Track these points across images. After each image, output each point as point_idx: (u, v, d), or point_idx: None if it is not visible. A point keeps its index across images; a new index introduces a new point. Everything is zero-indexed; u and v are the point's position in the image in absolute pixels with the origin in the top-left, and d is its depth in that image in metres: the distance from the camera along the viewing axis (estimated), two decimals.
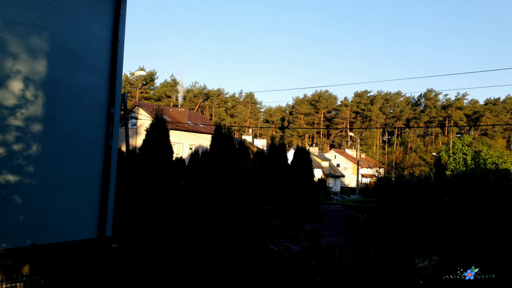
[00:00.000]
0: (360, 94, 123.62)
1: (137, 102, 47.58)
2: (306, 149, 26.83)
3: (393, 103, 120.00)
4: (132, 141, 36.46)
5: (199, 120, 49.37)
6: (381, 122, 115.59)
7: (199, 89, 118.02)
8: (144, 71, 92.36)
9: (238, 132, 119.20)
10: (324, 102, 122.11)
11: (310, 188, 8.57)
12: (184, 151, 42.10)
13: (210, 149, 19.30)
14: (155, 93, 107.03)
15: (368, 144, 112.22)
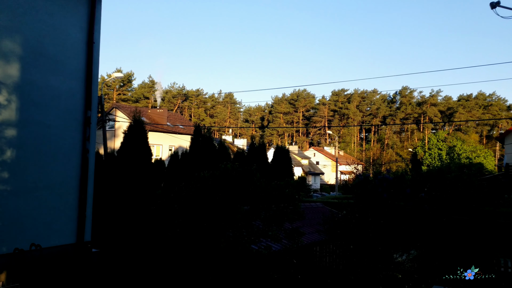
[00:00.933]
0: (338, 92, 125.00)
1: (115, 104, 46.89)
2: (285, 148, 26.95)
3: (369, 101, 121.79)
4: (110, 144, 35.90)
5: (178, 121, 49.00)
6: (358, 120, 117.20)
7: (178, 90, 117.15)
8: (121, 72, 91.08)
9: (218, 132, 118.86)
10: (303, 101, 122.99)
11: (290, 187, 8.64)
12: (164, 152, 41.72)
13: (189, 150, 19.21)
14: (133, 94, 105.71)
15: (346, 142, 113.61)
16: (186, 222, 8.21)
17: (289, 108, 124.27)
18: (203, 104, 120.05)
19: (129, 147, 15.43)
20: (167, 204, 8.59)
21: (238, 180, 8.41)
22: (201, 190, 8.42)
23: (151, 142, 32.32)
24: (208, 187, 8.39)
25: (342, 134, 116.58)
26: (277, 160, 25.41)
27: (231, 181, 8.39)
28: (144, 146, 15.83)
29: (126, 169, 14.89)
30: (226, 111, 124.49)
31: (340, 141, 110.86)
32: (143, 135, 15.92)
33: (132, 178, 14.79)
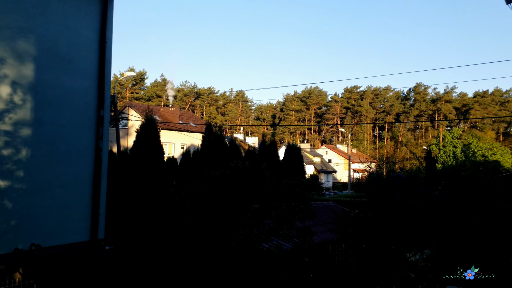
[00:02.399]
0: (350, 89, 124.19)
1: (128, 102, 47.35)
2: (297, 146, 26.94)
3: (382, 98, 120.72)
4: (123, 142, 36.28)
5: (190, 119, 49.28)
6: (371, 117, 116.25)
7: (190, 88, 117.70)
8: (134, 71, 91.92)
9: (229, 131, 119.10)
10: (315, 98, 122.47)
11: (301, 185, 8.65)
12: (176, 150, 42.01)
13: (201, 149, 19.33)
14: (146, 93, 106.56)
15: (359, 139, 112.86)
16: (197, 220, 8.29)
17: (300, 105, 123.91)
18: (214, 102, 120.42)
19: (142, 146, 15.59)
20: (179, 202, 8.67)
21: (248, 179, 8.46)
22: (212, 188, 8.48)
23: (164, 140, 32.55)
24: (219, 186, 8.45)
25: (355, 131, 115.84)
26: (289, 158, 25.40)
27: (241, 180, 8.44)
28: (157, 145, 15.98)
29: (139, 167, 15.04)
30: (238, 109, 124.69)
31: (353, 139, 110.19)
32: (155, 133, 16.07)
33: (144, 176, 14.94)
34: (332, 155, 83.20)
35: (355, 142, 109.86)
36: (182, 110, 63.04)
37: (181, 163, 20.11)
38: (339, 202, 21.23)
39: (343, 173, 79.44)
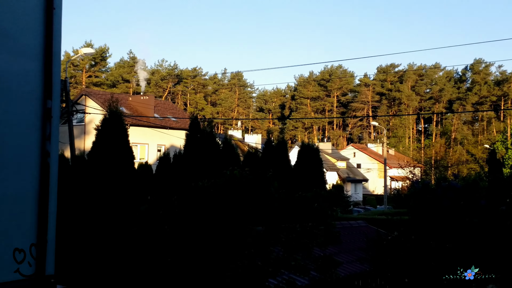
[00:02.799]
0: (385, 69, 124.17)
1: (84, 90, 47.47)
2: (314, 146, 26.89)
3: (429, 79, 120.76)
4: (78, 144, 36.31)
5: (169, 111, 49.33)
6: (415, 106, 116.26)
7: (168, 70, 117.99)
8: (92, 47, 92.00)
9: (222, 126, 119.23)
10: (338, 81, 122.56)
11: (320, 200, 8.64)
12: (151, 154, 42.02)
13: (184, 151, 19.36)
14: (109, 76, 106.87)
15: (398, 136, 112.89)
16: (179, 249, 8.26)
17: (318, 91, 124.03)
18: (202, 88, 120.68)
19: (104, 148, 15.59)
20: (155, 225, 8.65)
21: (248, 191, 8.44)
22: (200, 206, 8.46)
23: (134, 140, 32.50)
24: (208, 202, 8.43)
25: (392, 125, 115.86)
26: (303, 163, 25.38)
27: (239, 193, 8.42)
28: (124, 147, 15.99)
29: (100, 178, 15.04)
30: (233, 97, 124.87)
31: (389, 136, 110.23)
32: (122, 131, 16.08)
33: (108, 190, 14.94)
34: (361, 158, 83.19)
35: (392, 140, 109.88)
36: (158, 100, 63.02)
37: (157, 171, 20.09)
38: (372, 221, 21.22)
39: (377, 182, 79.39)
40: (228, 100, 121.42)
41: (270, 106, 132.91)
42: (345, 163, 72.66)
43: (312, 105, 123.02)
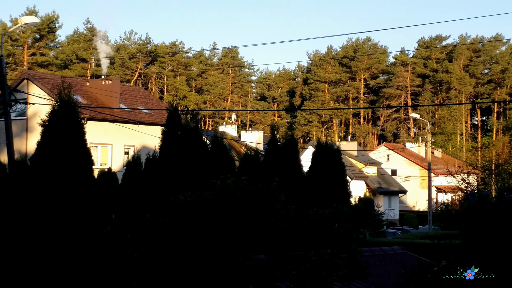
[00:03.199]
0: (428, 42, 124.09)
1: (26, 72, 47.39)
2: (335, 146, 26.87)
3: (488, 56, 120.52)
4: (19, 144, 36.31)
5: (140, 101, 49.34)
6: (469, 92, 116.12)
7: (138, 45, 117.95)
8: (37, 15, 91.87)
9: (211, 120, 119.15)
10: (365, 59, 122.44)
11: (342, 218, 8.63)
12: (116, 157, 42.01)
13: (160, 154, 19.36)
14: (59, 54, 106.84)
15: (447, 133, 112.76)
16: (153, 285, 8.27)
17: (340, 73, 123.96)
18: (183, 69, 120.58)
19: (52, 150, 15.59)
20: (121, 252, 8.66)
21: (246, 208, 8.43)
22: (181, 227, 8.45)
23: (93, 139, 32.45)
24: (193, 222, 8.43)
25: (439, 118, 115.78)
26: (319, 169, 25.39)
27: (234, 211, 8.42)
28: (79, 148, 16.02)
29: (46, 190, 15.04)
30: (226, 82, 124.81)
31: (435, 132, 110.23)
32: (77, 127, 16.12)
33: (58, 206, 14.94)
34: (398, 162, 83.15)
35: (439, 138, 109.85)
36: (126, 85, 62.97)
37: (124, 180, 20.09)
38: (412, 247, 21.21)
39: (419, 194, 79.41)
40: (219, 86, 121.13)
41: (275, 93, 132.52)
42: (376, 169, 72.51)
43: (332, 92, 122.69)
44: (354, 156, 71.24)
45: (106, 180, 21.07)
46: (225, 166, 20.14)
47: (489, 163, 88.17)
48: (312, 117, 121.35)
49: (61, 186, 15.16)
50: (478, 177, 66.49)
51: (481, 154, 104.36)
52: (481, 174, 70.85)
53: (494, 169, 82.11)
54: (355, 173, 65.50)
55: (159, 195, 15.53)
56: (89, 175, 16.27)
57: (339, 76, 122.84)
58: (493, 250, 10.76)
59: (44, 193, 15.04)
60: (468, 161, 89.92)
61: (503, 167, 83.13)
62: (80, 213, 15.13)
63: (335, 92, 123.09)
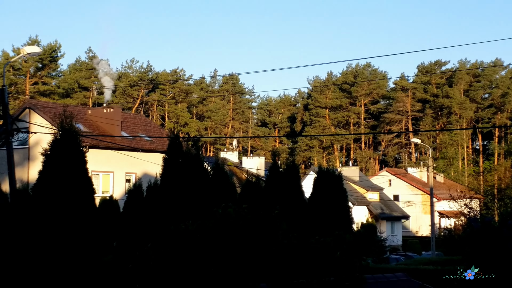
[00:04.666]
0: (429, 67, 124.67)
1: (28, 101, 47.54)
2: (336, 172, 26.86)
3: (488, 81, 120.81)
4: (21, 173, 36.31)
5: (141, 128, 49.42)
6: (469, 117, 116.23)
7: (140, 73, 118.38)
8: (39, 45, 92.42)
9: (212, 147, 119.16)
10: (366, 85, 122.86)
11: (345, 245, 8.59)
12: (117, 185, 41.94)
13: (161, 181, 19.35)
14: (61, 83, 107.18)
15: (449, 158, 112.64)
16: None
17: (340, 98, 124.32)
18: (184, 96, 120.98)
19: (54, 179, 15.59)
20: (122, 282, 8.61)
21: (248, 236, 8.40)
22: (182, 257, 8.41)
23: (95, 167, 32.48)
24: (193, 250, 8.39)
25: (440, 143, 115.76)
26: (321, 195, 25.37)
27: (235, 240, 8.38)
28: (81, 176, 16.01)
29: (48, 219, 15.01)
30: (227, 108, 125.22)
31: (436, 157, 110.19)
32: (78, 156, 16.13)
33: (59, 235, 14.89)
34: (400, 187, 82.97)
35: (441, 163, 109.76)
36: (127, 113, 63.02)
37: (125, 208, 20.06)
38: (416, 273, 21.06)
39: (421, 219, 79.14)
40: (220, 112, 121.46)
41: (275, 119, 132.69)
42: (378, 194, 72.31)
43: (332, 117, 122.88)
44: (356, 181, 71.15)
45: (107, 208, 21.00)
46: (227, 192, 20.15)
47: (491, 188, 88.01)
48: (313, 142, 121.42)
49: (62, 215, 15.14)
50: (481, 202, 66.20)
51: (483, 179, 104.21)
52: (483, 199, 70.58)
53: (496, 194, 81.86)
54: (357, 198, 65.38)
55: (161, 223, 15.50)
56: (91, 203, 16.25)
57: (339, 101, 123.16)
58: (497, 275, 10.70)
59: (46, 222, 15.02)
60: (470, 186, 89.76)
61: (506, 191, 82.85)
62: (82, 242, 15.08)
63: (336, 118, 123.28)
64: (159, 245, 8.90)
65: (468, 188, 74.68)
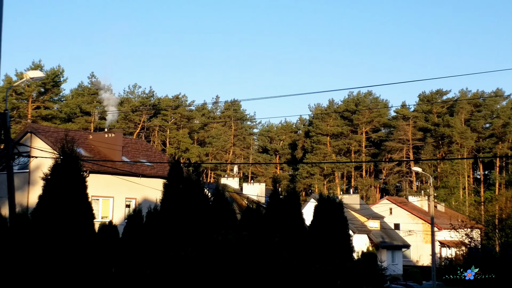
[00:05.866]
0: (429, 97, 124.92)
1: (30, 126, 47.50)
2: (337, 200, 26.82)
3: (489, 111, 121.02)
4: (21, 197, 36.22)
5: (142, 154, 49.39)
6: (470, 146, 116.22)
7: (142, 98, 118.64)
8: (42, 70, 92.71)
9: (213, 173, 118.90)
10: (367, 113, 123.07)
11: (345, 274, 8.57)
12: (117, 210, 41.81)
13: (162, 207, 19.30)
14: (63, 108, 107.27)
15: (450, 187, 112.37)
16: None
17: (341, 126, 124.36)
18: (186, 122, 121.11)
19: (54, 204, 15.56)
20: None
21: (248, 263, 8.36)
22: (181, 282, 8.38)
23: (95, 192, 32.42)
24: (194, 278, 8.35)
25: (441, 172, 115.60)
26: (322, 223, 25.28)
27: (235, 266, 8.35)
28: (81, 201, 15.98)
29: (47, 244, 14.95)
30: (228, 134, 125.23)
31: (437, 186, 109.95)
32: (79, 181, 16.12)
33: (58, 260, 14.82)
34: (401, 215, 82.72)
35: (442, 192, 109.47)
36: (128, 138, 63.02)
37: (125, 233, 19.99)
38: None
39: (422, 248, 78.74)
40: (221, 138, 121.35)
41: (276, 145, 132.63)
42: (379, 222, 72.06)
43: (333, 145, 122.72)
44: (357, 209, 70.96)
45: (106, 233, 20.93)
46: (227, 219, 20.09)
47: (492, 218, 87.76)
48: (314, 169, 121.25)
49: (61, 240, 15.08)
50: (482, 232, 65.94)
51: (484, 209, 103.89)
52: (484, 229, 70.40)
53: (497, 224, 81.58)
54: (358, 227, 65.13)
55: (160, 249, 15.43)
56: (90, 229, 16.20)
57: (340, 129, 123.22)
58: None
59: (44, 247, 14.95)
60: (472, 215, 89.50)
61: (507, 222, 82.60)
62: (80, 268, 15.00)
63: (337, 145, 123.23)
64: (158, 271, 8.88)
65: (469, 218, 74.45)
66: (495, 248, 34.70)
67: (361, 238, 64.11)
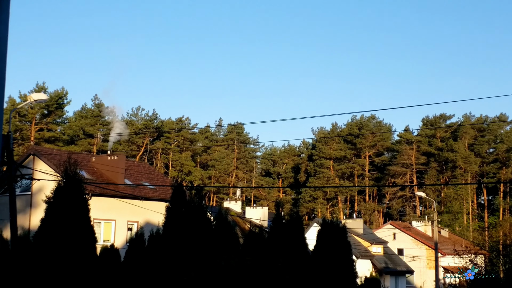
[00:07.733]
0: (433, 121, 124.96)
1: (33, 148, 47.57)
2: (340, 224, 26.73)
3: (492, 136, 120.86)
4: (23, 220, 36.16)
5: (144, 176, 49.39)
6: (474, 171, 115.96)
7: (145, 121, 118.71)
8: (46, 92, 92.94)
9: (216, 196, 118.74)
10: (370, 137, 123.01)
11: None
12: (119, 233, 41.71)
13: (164, 230, 19.23)
14: (66, 130, 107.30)
15: (454, 212, 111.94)
16: None
17: (344, 150, 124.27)
18: (189, 145, 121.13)
19: (56, 227, 15.53)
20: None
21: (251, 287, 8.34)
22: None
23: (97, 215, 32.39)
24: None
25: (445, 197, 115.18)
26: (325, 248, 25.15)
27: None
28: (83, 225, 15.95)
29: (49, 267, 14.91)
30: (231, 157, 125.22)
31: (441, 211, 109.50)
32: (81, 204, 16.10)
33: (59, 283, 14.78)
34: (404, 240, 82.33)
35: (445, 218, 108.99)
36: (131, 161, 63.15)
37: (127, 257, 19.90)
38: None
39: (426, 274, 78.29)
40: (224, 161, 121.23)
41: (279, 169, 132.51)
42: (382, 247, 71.70)
43: (337, 169, 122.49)
44: (360, 234, 70.69)
45: (108, 257, 20.83)
46: (230, 243, 20.00)
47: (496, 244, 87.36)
48: (317, 193, 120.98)
49: (63, 264, 15.04)
50: (486, 258, 65.58)
51: (488, 234, 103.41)
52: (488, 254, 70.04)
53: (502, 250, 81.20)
54: (361, 252, 64.82)
55: (162, 273, 15.38)
56: (92, 252, 16.15)
57: (344, 153, 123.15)
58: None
59: (46, 270, 14.91)
60: (476, 241, 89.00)
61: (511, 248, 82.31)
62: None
63: (340, 169, 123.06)
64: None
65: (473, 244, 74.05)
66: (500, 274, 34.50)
67: (364, 263, 63.77)
